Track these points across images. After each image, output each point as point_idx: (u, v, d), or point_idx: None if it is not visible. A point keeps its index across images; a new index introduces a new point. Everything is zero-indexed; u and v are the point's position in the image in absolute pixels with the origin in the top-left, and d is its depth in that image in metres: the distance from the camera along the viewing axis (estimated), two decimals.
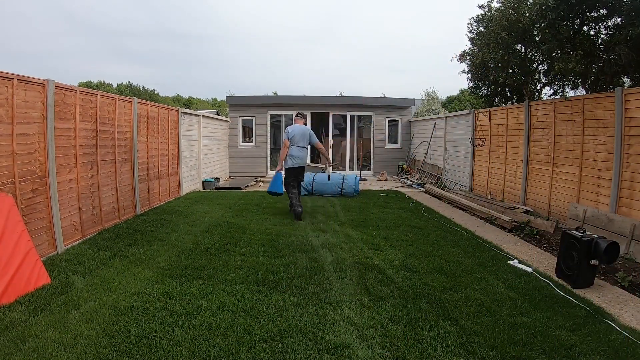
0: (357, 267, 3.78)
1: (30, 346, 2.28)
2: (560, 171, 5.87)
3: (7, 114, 3.51)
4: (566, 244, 3.62)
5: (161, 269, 3.64)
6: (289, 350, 2.31)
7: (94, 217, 4.93)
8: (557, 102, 6.01)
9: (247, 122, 12.98)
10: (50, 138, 4.05)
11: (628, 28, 4.93)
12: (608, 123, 4.91)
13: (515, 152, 7.15)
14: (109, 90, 33.55)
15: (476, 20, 8.13)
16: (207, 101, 42.01)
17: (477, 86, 8.59)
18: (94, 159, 4.95)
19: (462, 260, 4.08)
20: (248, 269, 3.68)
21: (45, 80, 3.99)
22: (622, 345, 2.43)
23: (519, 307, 2.95)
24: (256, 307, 2.87)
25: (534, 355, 2.31)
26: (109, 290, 3.12)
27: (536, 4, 5.89)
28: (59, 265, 3.67)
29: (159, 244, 4.47)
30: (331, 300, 3.01)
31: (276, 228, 5.34)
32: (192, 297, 3.01)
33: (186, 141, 8.44)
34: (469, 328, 2.62)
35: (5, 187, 3.45)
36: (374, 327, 2.61)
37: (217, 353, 2.28)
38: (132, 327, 2.55)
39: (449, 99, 23.66)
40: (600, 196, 5.03)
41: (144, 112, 6.42)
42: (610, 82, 5.94)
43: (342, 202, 7.59)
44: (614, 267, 3.82)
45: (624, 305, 3.11)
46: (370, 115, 13.23)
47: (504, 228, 5.70)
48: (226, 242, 4.59)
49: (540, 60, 7.30)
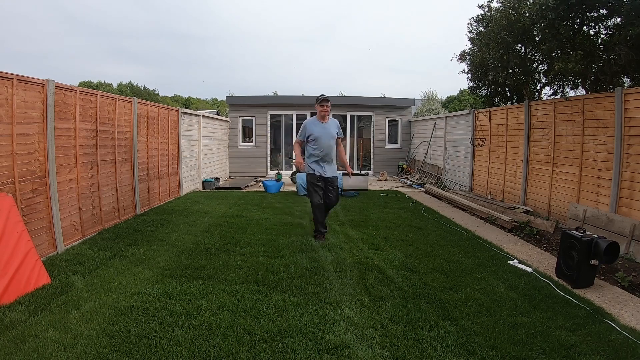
0: (357, 267, 3.78)
1: (30, 346, 2.28)
2: (560, 171, 5.87)
3: (7, 114, 3.51)
4: (566, 244, 3.62)
5: (161, 269, 3.64)
6: (289, 350, 2.31)
7: (94, 217, 4.93)
8: (557, 102, 6.01)
9: (247, 122, 12.98)
10: (50, 138, 4.05)
11: (628, 28, 4.93)
12: (608, 123, 4.91)
13: (515, 152, 7.15)
14: (109, 90, 33.55)
15: (476, 20, 8.13)
16: (207, 101, 42.00)
17: (477, 86, 8.59)
18: (94, 159, 4.95)
19: (462, 260, 4.07)
20: (248, 269, 3.68)
21: (45, 80, 3.99)
22: (622, 345, 2.43)
23: (519, 307, 2.95)
24: (256, 307, 2.87)
25: (534, 355, 2.31)
26: (109, 290, 3.12)
27: (536, 4, 5.89)
28: (59, 265, 3.67)
29: (159, 244, 4.47)
30: (331, 300, 3.01)
31: (276, 228, 5.33)
32: (192, 297, 3.01)
33: (186, 141, 8.43)
34: (469, 328, 2.62)
35: (5, 187, 3.45)
36: (374, 327, 2.61)
37: (217, 353, 2.27)
38: (132, 327, 2.55)
39: (449, 99, 23.68)
40: (600, 196, 5.03)
41: (144, 112, 6.42)
42: (610, 82, 5.94)
43: (342, 202, 7.59)
44: (614, 267, 3.82)
45: (624, 305, 3.11)
46: (370, 115, 13.23)
47: (504, 228, 5.70)
48: (226, 242, 4.59)
49: (540, 60, 7.29)
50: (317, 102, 4.69)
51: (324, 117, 4.68)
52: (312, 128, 4.65)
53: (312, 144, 4.67)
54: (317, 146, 4.63)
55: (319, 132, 4.61)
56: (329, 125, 4.71)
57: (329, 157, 4.70)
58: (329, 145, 4.65)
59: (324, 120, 4.70)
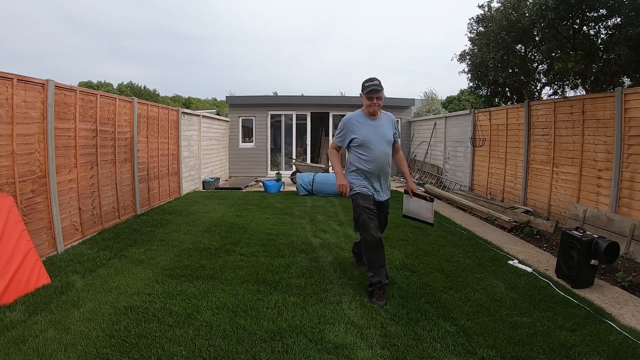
0: (357, 267, 3.78)
1: (30, 346, 2.28)
2: (560, 171, 5.87)
3: (7, 114, 3.51)
4: (566, 244, 3.62)
5: (161, 269, 3.64)
6: (289, 350, 2.31)
7: (94, 217, 4.93)
8: (557, 102, 6.01)
9: (247, 122, 12.98)
10: (50, 138, 4.05)
11: (628, 28, 4.93)
12: (608, 123, 4.91)
13: (515, 152, 7.15)
14: (110, 90, 33.55)
15: (476, 20, 8.13)
16: (207, 101, 42.00)
17: (477, 86, 8.59)
18: (94, 159, 4.95)
19: (462, 260, 4.07)
20: (248, 269, 3.68)
21: (45, 80, 3.99)
22: (622, 345, 2.43)
23: (519, 307, 2.95)
24: (256, 307, 2.87)
25: (534, 355, 2.31)
26: (109, 290, 3.12)
27: (536, 4, 5.88)
28: (59, 265, 3.67)
29: (159, 244, 4.47)
30: (331, 300, 3.01)
31: (276, 228, 5.33)
32: (192, 297, 3.01)
33: (186, 141, 8.43)
34: (469, 328, 2.62)
35: (5, 187, 3.45)
36: (374, 327, 2.61)
37: (217, 353, 2.27)
38: (132, 327, 2.55)
39: (449, 99, 23.67)
40: (600, 196, 5.03)
41: (144, 112, 6.42)
42: (610, 82, 5.94)
43: (342, 202, 7.58)
44: (614, 267, 3.82)
45: (624, 305, 3.11)
46: None
47: (504, 228, 5.70)
48: (226, 242, 4.59)
49: (540, 60, 7.29)
50: (364, 92, 3.14)
51: (375, 114, 3.20)
52: (358, 128, 3.17)
53: (358, 151, 3.17)
54: (367, 155, 3.13)
55: (368, 135, 3.13)
56: (381, 124, 3.20)
57: (384, 171, 3.19)
58: (384, 154, 3.15)
59: (375, 116, 3.20)
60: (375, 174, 3.16)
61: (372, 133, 3.14)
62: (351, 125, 3.19)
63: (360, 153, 3.15)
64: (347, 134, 3.21)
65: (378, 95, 3.09)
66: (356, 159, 3.18)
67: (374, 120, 3.19)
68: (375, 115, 3.20)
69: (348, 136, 3.20)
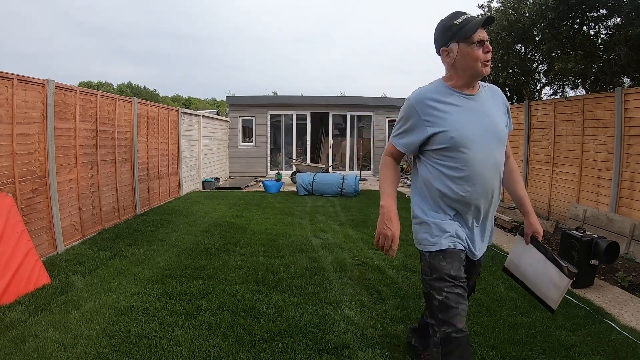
0: (357, 267, 3.78)
1: (30, 346, 2.28)
2: (560, 171, 5.87)
3: (7, 114, 3.51)
4: (566, 244, 3.62)
5: (161, 269, 3.64)
6: (289, 350, 2.31)
7: (94, 217, 4.93)
8: (557, 102, 6.01)
9: (247, 122, 12.98)
10: (50, 138, 4.05)
11: (628, 28, 4.93)
12: (608, 123, 4.91)
13: (515, 152, 7.15)
14: (110, 90, 33.57)
15: None
16: (207, 101, 42.02)
17: None
18: (94, 159, 4.95)
19: None
20: (248, 269, 3.68)
21: (45, 80, 3.99)
22: (622, 345, 2.43)
23: (519, 307, 2.95)
24: (256, 307, 2.87)
25: (534, 355, 2.31)
26: (109, 290, 3.12)
27: (536, 4, 5.89)
28: (59, 265, 3.67)
29: (159, 244, 4.47)
30: (331, 300, 3.01)
31: (276, 228, 5.33)
32: (192, 297, 3.01)
33: (186, 141, 8.44)
34: (469, 328, 2.61)
35: (5, 187, 3.45)
36: (374, 327, 2.61)
37: (217, 353, 2.27)
38: (132, 327, 2.55)
39: None
40: (600, 196, 5.03)
41: (144, 112, 6.42)
42: (610, 82, 5.95)
43: (342, 202, 7.59)
44: (614, 267, 3.82)
45: (624, 305, 3.11)
46: (370, 115, 13.23)
47: (504, 228, 5.70)
48: (226, 242, 4.59)
49: (540, 60, 7.30)
50: (462, 36, 1.53)
51: (473, 87, 1.62)
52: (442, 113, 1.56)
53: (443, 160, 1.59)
54: (463, 169, 1.55)
55: (464, 126, 1.54)
56: (485, 104, 1.63)
57: (491, 201, 1.65)
58: (494, 165, 1.59)
59: (473, 90, 1.62)
60: (475, 206, 1.61)
61: (473, 122, 1.56)
62: (427, 108, 1.57)
63: (447, 165, 1.58)
64: (419, 127, 1.59)
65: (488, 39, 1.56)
66: (439, 176, 1.61)
67: (472, 97, 1.60)
68: (474, 89, 1.63)
69: (422, 131, 1.59)
